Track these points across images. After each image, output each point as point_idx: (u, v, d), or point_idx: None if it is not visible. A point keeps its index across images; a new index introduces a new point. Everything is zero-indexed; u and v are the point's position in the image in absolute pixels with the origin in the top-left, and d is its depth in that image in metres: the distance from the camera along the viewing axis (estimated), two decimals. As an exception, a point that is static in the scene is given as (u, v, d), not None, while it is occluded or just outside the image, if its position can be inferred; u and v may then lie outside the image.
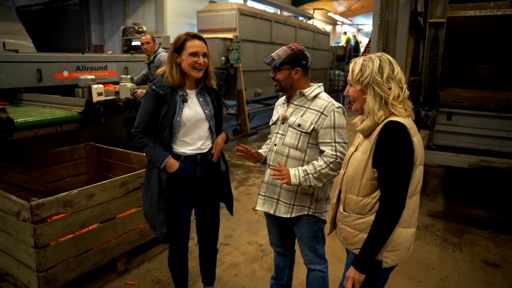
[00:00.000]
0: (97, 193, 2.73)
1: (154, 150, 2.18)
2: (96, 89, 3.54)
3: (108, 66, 5.04)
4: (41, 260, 2.43)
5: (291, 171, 2.02)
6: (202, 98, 2.28)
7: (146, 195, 2.31)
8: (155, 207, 2.23)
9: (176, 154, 2.23)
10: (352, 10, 20.48)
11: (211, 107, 2.30)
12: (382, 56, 1.63)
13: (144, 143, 2.19)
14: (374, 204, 1.63)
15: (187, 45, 2.14)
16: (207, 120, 2.28)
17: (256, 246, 3.57)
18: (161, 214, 2.23)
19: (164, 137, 2.19)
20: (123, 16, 10.57)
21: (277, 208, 2.20)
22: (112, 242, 2.90)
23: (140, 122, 2.20)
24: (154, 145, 2.19)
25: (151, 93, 2.17)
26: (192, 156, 2.27)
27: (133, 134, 2.24)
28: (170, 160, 2.18)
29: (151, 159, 2.23)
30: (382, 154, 1.57)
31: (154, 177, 2.22)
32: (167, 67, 2.19)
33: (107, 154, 3.95)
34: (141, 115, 2.20)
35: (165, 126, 2.17)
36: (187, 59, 2.14)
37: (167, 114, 2.15)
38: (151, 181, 2.25)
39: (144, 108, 2.20)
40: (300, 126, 2.09)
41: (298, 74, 2.11)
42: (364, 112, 1.66)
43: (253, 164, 6.32)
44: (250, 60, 8.72)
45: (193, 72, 2.17)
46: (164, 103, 2.15)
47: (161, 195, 2.22)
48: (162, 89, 2.15)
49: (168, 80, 2.17)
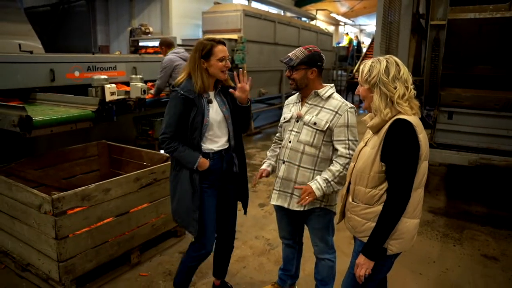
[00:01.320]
0: (113, 188, 2.86)
1: (184, 153, 2.28)
2: (109, 89, 3.67)
3: (118, 67, 5.16)
4: (61, 251, 2.56)
5: (313, 185, 2.18)
6: (219, 98, 2.40)
7: (174, 195, 2.40)
8: (189, 206, 2.32)
9: (205, 153, 2.35)
10: (354, 10, 20.59)
11: (227, 106, 2.41)
12: (390, 58, 1.77)
13: (174, 147, 2.29)
14: (381, 195, 1.76)
15: (215, 51, 2.25)
16: (225, 118, 2.39)
17: (263, 240, 3.70)
18: (195, 213, 2.33)
19: (194, 137, 2.29)
20: (129, 17, 10.72)
21: (291, 202, 2.34)
22: (126, 235, 3.03)
23: (169, 126, 2.28)
24: (184, 148, 2.29)
25: (180, 98, 2.25)
26: (218, 152, 2.39)
27: (161, 140, 2.31)
28: (201, 159, 2.29)
29: (182, 162, 2.31)
30: (390, 150, 1.71)
31: (185, 178, 2.32)
32: (197, 74, 2.26)
33: (118, 152, 4.08)
34: (170, 120, 2.29)
35: (195, 127, 2.28)
36: (216, 64, 2.26)
37: (197, 116, 2.27)
38: (181, 182, 2.33)
39: (172, 113, 2.29)
40: (315, 124, 2.22)
41: (313, 75, 2.25)
42: (372, 109, 1.79)
43: (258, 162, 6.54)
44: (254, 60, 8.85)
45: (221, 75, 2.31)
46: (194, 106, 2.26)
47: (195, 194, 2.32)
48: (190, 93, 2.26)
49: (199, 86, 2.26)
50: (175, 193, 2.39)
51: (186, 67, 2.35)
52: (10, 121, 3.10)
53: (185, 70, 2.36)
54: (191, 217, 2.34)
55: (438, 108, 4.13)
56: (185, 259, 2.54)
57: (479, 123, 4.05)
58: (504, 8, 3.55)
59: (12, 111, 3.17)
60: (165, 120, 2.31)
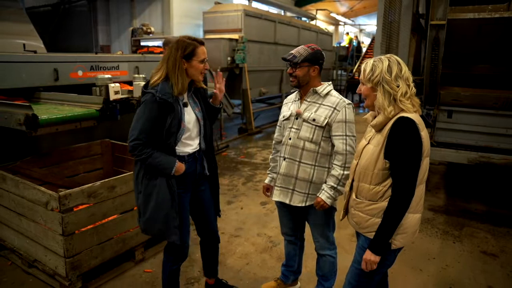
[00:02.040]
0: (118, 185, 2.91)
1: (160, 159, 2.14)
2: (113, 88, 3.71)
3: (120, 66, 5.20)
4: (68, 247, 2.61)
5: (322, 197, 2.27)
6: (191, 100, 2.32)
7: (146, 206, 2.22)
8: (169, 214, 2.20)
9: (180, 156, 2.25)
10: (354, 10, 20.64)
11: (199, 108, 2.35)
12: (391, 57, 1.82)
13: (148, 153, 2.11)
14: (385, 191, 1.81)
15: (198, 51, 2.17)
16: (198, 120, 2.32)
17: (265, 237, 3.75)
18: (175, 220, 2.23)
19: (169, 142, 2.17)
20: (130, 17, 10.76)
21: (292, 198, 2.39)
22: (131, 232, 3.07)
23: (141, 132, 2.10)
24: (158, 154, 2.14)
25: (157, 102, 2.08)
26: (192, 154, 2.32)
27: (131, 147, 2.12)
28: (178, 163, 2.19)
29: (158, 168, 2.16)
30: (394, 147, 1.75)
31: (162, 185, 2.18)
32: (176, 74, 2.14)
33: (121, 150, 4.12)
34: (142, 125, 2.10)
35: (172, 132, 2.15)
36: (197, 65, 2.18)
37: (174, 121, 2.14)
38: (157, 190, 2.18)
39: (147, 118, 2.10)
40: (315, 120, 2.27)
41: (315, 72, 2.30)
42: (375, 108, 1.85)
43: (259, 161, 6.59)
44: (254, 60, 8.90)
45: (200, 77, 2.25)
46: (171, 111, 2.12)
47: (174, 201, 2.21)
48: (169, 97, 2.10)
49: (179, 89, 2.14)
50: (148, 203, 2.21)
51: (163, 67, 2.17)
52: (16, 120, 3.13)
53: (161, 71, 2.17)
54: (172, 225, 2.22)
55: (438, 107, 4.17)
56: (165, 265, 2.49)
57: (478, 121, 4.10)
58: (503, 8, 3.59)
59: (18, 109, 3.21)
60: (137, 125, 2.11)
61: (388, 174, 1.80)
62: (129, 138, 2.14)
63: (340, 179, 2.25)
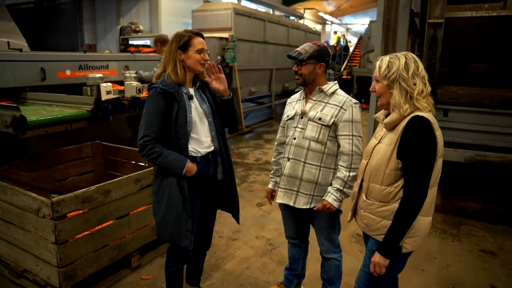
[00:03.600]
0: (113, 189, 2.79)
1: (171, 157, 2.07)
2: (105, 88, 3.58)
3: (110, 65, 5.06)
4: (61, 256, 2.47)
5: (329, 199, 2.19)
6: (198, 95, 2.27)
7: (159, 207, 2.18)
8: (180, 216, 2.14)
9: (192, 156, 2.18)
10: (341, 9, 20.73)
11: (207, 104, 2.29)
12: (408, 54, 1.76)
13: (158, 152, 2.06)
14: (397, 192, 1.75)
15: (193, 42, 2.15)
16: (206, 116, 2.25)
17: (264, 240, 3.66)
18: (188, 223, 2.16)
19: (180, 136, 2.10)
20: (117, 15, 10.54)
21: (297, 200, 2.31)
22: (127, 238, 2.95)
23: (150, 128, 2.06)
24: (169, 152, 2.08)
25: (159, 92, 2.08)
26: (205, 155, 2.25)
27: (141, 146, 2.07)
28: (190, 163, 2.12)
29: (169, 168, 2.10)
30: (408, 147, 1.69)
31: (173, 185, 2.12)
32: (169, 65, 2.15)
33: (113, 152, 3.99)
34: (150, 120, 2.07)
35: (181, 124, 2.09)
36: (194, 55, 2.15)
37: (180, 111, 2.09)
38: (169, 191, 2.13)
39: (152, 111, 2.09)
40: (321, 119, 2.20)
41: (321, 69, 2.24)
42: (389, 106, 1.79)
43: (252, 161, 6.50)
44: (244, 59, 8.80)
45: (199, 67, 2.20)
46: (174, 100, 2.09)
47: (185, 202, 2.14)
48: (169, 87, 2.09)
49: (171, 78, 2.13)
50: (160, 205, 2.16)
51: (163, 62, 2.24)
52: (2, 122, 2.99)
53: (161, 66, 2.24)
54: (184, 228, 2.15)
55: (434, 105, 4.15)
56: (166, 266, 2.40)
57: (474, 120, 4.10)
58: (499, 6, 3.59)
59: (4, 111, 3.06)
60: (143, 121, 2.09)
61: (400, 174, 1.74)
62: (138, 138, 2.11)
63: (346, 181, 2.19)
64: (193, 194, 2.24)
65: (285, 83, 11.53)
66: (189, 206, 2.18)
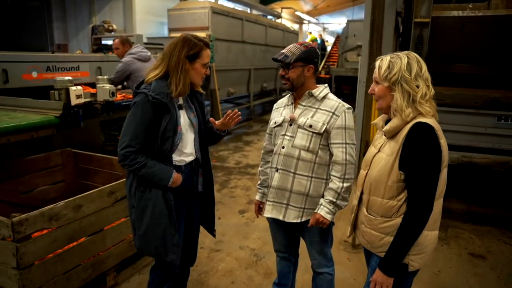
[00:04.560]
0: (85, 204, 2.54)
1: (155, 168, 1.92)
2: (74, 91, 3.31)
3: (81, 67, 4.75)
4: (25, 282, 2.20)
5: (321, 212, 2.02)
6: (186, 104, 2.13)
7: (141, 221, 2.00)
8: (166, 230, 1.99)
9: (176, 166, 2.04)
10: (318, 9, 20.76)
11: (195, 113, 2.15)
12: (410, 54, 1.62)
13: (141, 163, 1.90)
14: (400, 206, 1.61)
15: (203, 54, 1.99)
16: (193, 126, 2.12)
17: (248, 250, 3.48)
18: (175, 237, 2.02)
19: (165, 149, 1.95)
20: (89, 13, 10.09)
21: (286, 214, 2.14)
22: (101, 255, 2.71)
23: (135, 138, 1.89)
24: (153, 163, 1.93)
25: (151, 102, 1.88)
26: (189, 163, 2.13)
27: (122, 156, 1.89)
28: (176, 174, 1.99)
29: (153, 180, 1.94)
30: (410, 157, 1.55)
31: (158, 198, 1.97)
32: (178, 75, 1.93)
33: (85, 160, 3.71)
34: (136, 130, 1.89)
35: (167, 137, 1.94)
36: (200, 69, 2.00)
37: (169, 123, 1.94)
38: (153, 204, 1.97)
39: (139, 121, 1.90)
40: (311, 127, 2.04)
41: (310, 72, 2.07)
42: (389, 110, 1.65)
43: (232, 165, 6.30)
44: (222, 59, 8.59)
45: (200, 81, 2.07)
46: (166, 112, 1.93)
47: (171, 215, 2.00)
48: (163, 96, 1.90)
49: (179, 90, 1.94)
50: (143, 218, 1.99)
51: (162, 64, 1.97)
52: (-42, 131, 2.69)
53: (160, 67, 1.97)
54: (171, 242, 2.01)
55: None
56: (149, 286, 2.22)
57: (459, 121, 4.04)
58: (483, 6, 3.54)
59: (-40, 118, 2.76)
60: (128, 130, 1.90)
61: (403, 186, 1.60)
62: (120, 146, 1.91)
63: (339, 192, 2.02)
64: (178, 206, 2.09)
65: (263, 83, 11.40)
66: (175, 220, 2.03)
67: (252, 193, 4.93)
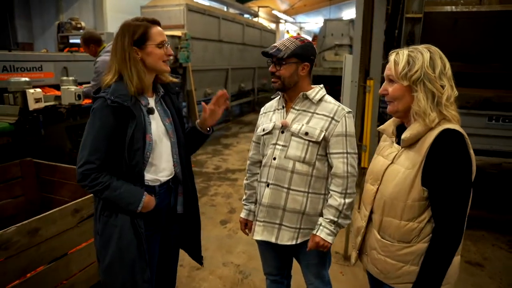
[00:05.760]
0: (43, 227, 2.17)
1: (122, 190, 1.59)
2: (33, 95, 2.92)
3: (44, 67, 4.32)
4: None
5: (321, 234, 1.75)
6: (160, 108, 1.79)
7: (105, 251, 1.68)
8: (135, 263, 1.67)
9: (149, 186, 1.71)
10: (295, 8, 20.66)
11: (171, 118, 1.81)
12: (430, 48, 1.38)
13: (104, 184, 1.57)
14: (422, 229, 1.36)
15: (152, 33, 1.64)
16: (169, 135, 1.78)
17: (233, 267, 3.18)
18: (146, 272, 1.69)
19: (134, 164, 1.61)
20: (56, 10, 9.50)
21: (279, 235, 1.85)
22: (65, 284, 2.34)
23: (95, 153, 1.56)
24: (119, 183, 1.60)
25: (110, 107, 1.55)
26: (165, 183, 1.79)
27: (81, 175, 1.58)
28: (147, 197, 1.65)
29: (119, 204, 1.62)
30: (438, 170, 1.31)
31: (126, 226, 1.64)
32: (128, 67, 1.62)
33: (49, 171, 3.30)
34: (96, 143, 1.56)
35: (136, 148, 1.60)
36: (155, 51, 1.65)
37: (137, 132, 1.59)
38: (119, 233, 1.64)
39: (98, 131, 1.57)
40: (307, 134, 1.76)
41: (305, 71, 1.79)
42: (406, 114, 1.41)
43: (211, 170, 5.99)
44: (198, 59, 8.26)
45: (164, 66, 1.71)
46: (131, 118, 1.59)
47: (141, 246, 1.66)
48: (123, 99, 1.56)
49: (135, 85, 1.60)
50: (107, 248, 1.67)
51: (113, 64, 1.67)
52: None
53: (112, 69, 1.67)
54: (141, 278, 1.69)
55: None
56: None
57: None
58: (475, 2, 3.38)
59: None
60: (86, 143, 1.58)
61: (426, 205, 1.36)
62: (78, 162, 1.60)
63: (340, 210, 1.75)
64: (150, 234, 1.76)
65: (241, 84, 11.13)
66: (146, 251, 1.69)
67: (233, 201, 4.63)
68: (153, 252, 1.82)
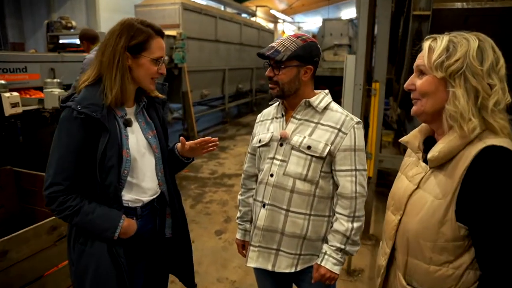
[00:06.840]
0: (13, 248, 1.94)
1: (94, 216, 1.37)
2: (8, 99, 2.68)
3: (29, 68, 4.09)
4: None
5: (326, 265, 1.52)
6: (142, 119, 1.56)
7: (81, 282, 1.45)
8: None
9: (129, 208, 1.48)
10: (293, 8, 20.45)
11: (155, 131, 1.58)
12: (480, 36, 1.05)
13: (74, 208, 1.34)
14: (461, 277, 1.04)
15: (152, 45, 1.40)
16: (153, 150, 1.55)
17: (228, 284, 2.96)
18: None
19: (108, 184, 1.38)
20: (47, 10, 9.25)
21: (277, 262, 1.62)
22: (40, 310, 2.12)
23: (62, 173, 1.33)
24: (92, 207, 1.37)
25: (77, 119, 1.32)
26: (149, 203, 1.55)
27: (49, 199, 1.35)
28: (125, 221, 1.41)
29: (93, 231, 1.40)
30: (480, 201, 0.97)
31: (103, 255, 1.41)
32: (113, 73, 1.37)
33: (30, 181, 3.07)
34: (61, 161, 1.33)
35: (110, 166, 1.37)
36: (148, 66, 1.41)
37: (110, 147, 1.36)
38: (96, 262, 1.41)
39: (63, 147, 1.34)
40: (310, 148, 1.52)
41: (307, 75, 1.55)
42: (436, 118, 1.09)
43: (206, 175, 5.76)
44: (194, 59, 8.04)
45: (150, 84, 1.46)
46: (103, 130, 1.35)
47: (122, 278, 1.43)
48: (94, 109, 1.33)
49: (114, 95, 1.36)
50: (84, 281, 1.44)
51: (97, 60, 1.42)
52: None
53: (92, 69, 1.42)
54: None
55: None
56: None
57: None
58: (486, -3, 3.16)
59: None
60: (52, 161, 1.35)
61: (464, 246, 1.02)
62: (44, 185, 1.35)
63: (348, 236, 1.52)
64: (133, 262, 1.53)
65: (239, 84, 10.93)
66: (127, 282, 1.46)
67: (229, 209, 4.41)
68: (138, 282, 1.60)
